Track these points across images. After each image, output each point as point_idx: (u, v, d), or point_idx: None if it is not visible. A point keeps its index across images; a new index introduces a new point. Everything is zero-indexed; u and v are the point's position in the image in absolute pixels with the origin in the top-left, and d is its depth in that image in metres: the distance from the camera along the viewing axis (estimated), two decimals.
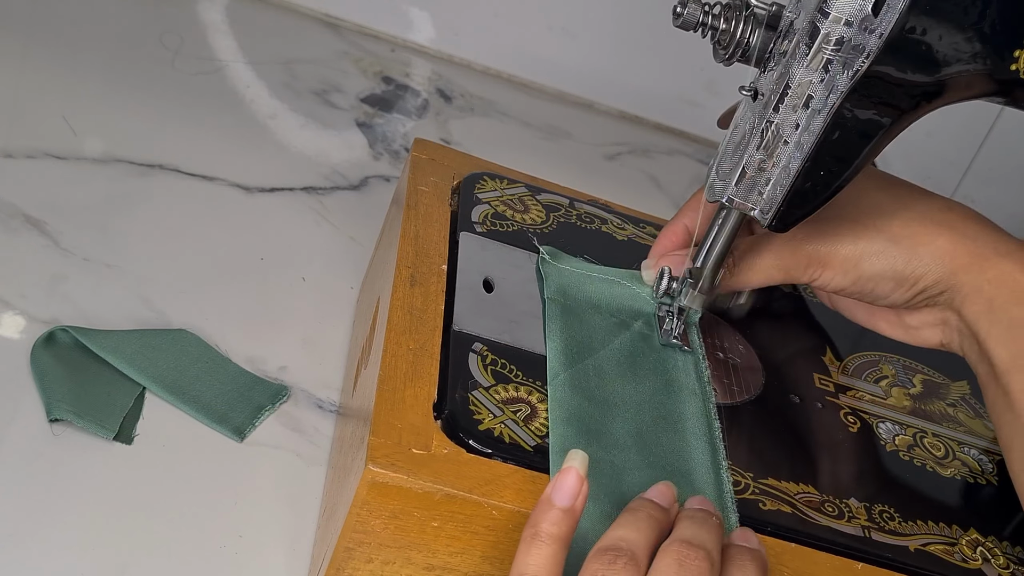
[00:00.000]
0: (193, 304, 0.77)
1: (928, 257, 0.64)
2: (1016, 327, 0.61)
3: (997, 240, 0.64)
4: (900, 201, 0.65)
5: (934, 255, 0.64)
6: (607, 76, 1.15)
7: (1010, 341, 0.61)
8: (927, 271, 0.64)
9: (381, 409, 0.57)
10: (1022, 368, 0.60)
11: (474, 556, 0.56)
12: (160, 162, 0.88)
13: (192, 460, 0.67)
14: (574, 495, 0.51)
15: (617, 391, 0.63)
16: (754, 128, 0.59)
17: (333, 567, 0.57)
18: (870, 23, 0.54)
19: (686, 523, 0.54)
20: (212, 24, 1.05)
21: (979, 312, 0.63)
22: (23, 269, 0.74)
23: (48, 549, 0.60)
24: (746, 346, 0.71)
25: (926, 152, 1.18)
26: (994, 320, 0.62)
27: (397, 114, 1.04)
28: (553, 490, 0.51)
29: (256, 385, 0.72)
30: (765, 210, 0.61)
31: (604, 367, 0.64)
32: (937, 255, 0.64)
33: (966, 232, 0.64)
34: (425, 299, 0.64)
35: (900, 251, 0.64)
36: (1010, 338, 0.61)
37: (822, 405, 0.69)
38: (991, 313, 0.62)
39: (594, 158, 1.09)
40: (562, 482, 0.51)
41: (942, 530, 0.63)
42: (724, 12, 0.59)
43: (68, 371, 0.68)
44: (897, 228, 0.64)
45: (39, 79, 0.91)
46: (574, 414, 0.61)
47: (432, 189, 0.73)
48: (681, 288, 0.66)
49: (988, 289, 0.62)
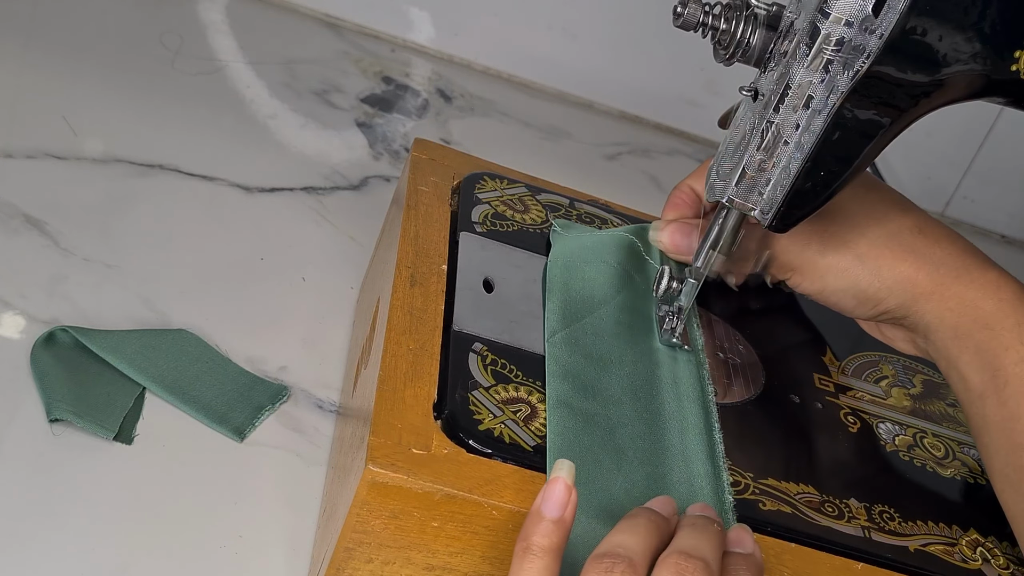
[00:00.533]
0: (193, 304, 0.77)
1: (891, 281, 0.64)
2: (983, 351, 0.62)
3: (960, 266, 0.64)
4: (873, 217, 0.66)
5: (897, 280, 0.64)
6: (607, 76, 1.15)
7: (981, 366, 0.62)
8: (888, 295, 0.65)
9: (381, 409, 0.57)
10: (996, 390, 0.61)
11: (474, 556, 0.56)
12: (160, 162, 0.88)
13: (192, 460, 0.67)
14: (563, 505, 0.51)
15: (614, 349, 0.64)
16: (754, 128, 0.59)
17: (333, 567, 0.57)
18: (870, 23, 0.54)
19: (686, 531, 0.53)
20: (212, 24, 1.05)
21: (946, 339, 0.64)
22: (23, 269, 0.74)
23: (48, 549, 0.60)
24: (746, 346, 0.71)
25: (926, 152, 1.18)
26: (962, 347, 0.63)
27: (397, 114, 1.04)
28: (542, 502, 0.51)
29: (256, 385, 0.73)
30: (765, 210, 0.61)
31: (602, 326, 0.65)
32: (899, 280, 0.64)
33: (931, 257, 0.64)
34: (425, 299, 0.64)
35: (864, 271, 0.65)
36: (980, 364, 0.62)
37: (822, 405, 0.69)
38: (958, 340, 0.63)
39: (594, 158, 1.09)
40: (551, 493, 0.51)
41: (942, 530, 0.63)
42: (724, 12, 0.59)
43: (68, 371, 0.68)
44: (864, 247, 0.65)
45: (39, 79, 0.91)
46: (570, 371, 0.62)
47: (432, 189, 0.73)
48: (681, 288, 0.66)
49: (950, 317, 0.63)
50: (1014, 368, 0.61)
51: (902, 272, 0.64)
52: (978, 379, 0.62)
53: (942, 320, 0.64)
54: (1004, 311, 0.62)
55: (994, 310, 0.62)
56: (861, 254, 0.65)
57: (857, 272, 0.65)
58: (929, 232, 0.66)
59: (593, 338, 0.64)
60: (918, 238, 0.65)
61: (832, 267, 0.65)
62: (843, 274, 0.65)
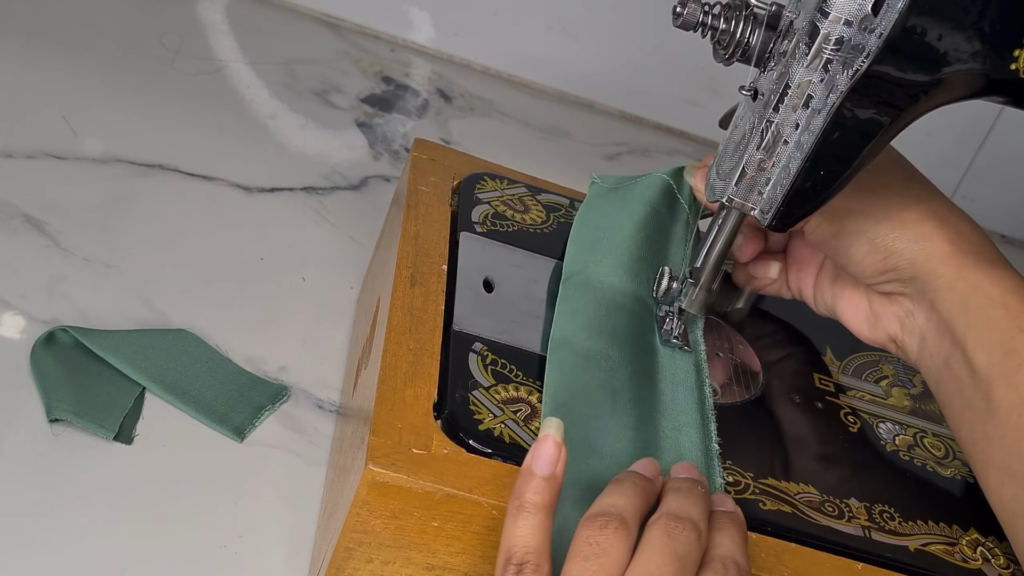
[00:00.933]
0: (193, 304, 0.77)
1: (911, 234, 0.62)
2: (994, 330, 0.59)
3: (982, 248, 0.62)
4: (906, 182, 0.64)
5: (917, 234, 0.62)
6: (607, 76, 1.15)
7: (990, 346, 0.59)
8: (904, 248, 0.62)
9: (381, 409, 0.57)
10: (1005, 376, 0.58)
11: (474, 556, 0.56)
12: (160, 162, 0.88)
13: (192, 460, 0.67)
14: (553, 462, 0.52)
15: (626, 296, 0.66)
16: (754, 128, 0.59)
17: (333, 567, 0.57)
18: (870, 23, 0.54)
19: (672, 495, 0.55)
20: (212, 24, 1.05)
21: (955, 310, 0.60)
22: (23, 269, 0.75)
23: (48, 549, 0.60)
24: (746, 346, 0.71)
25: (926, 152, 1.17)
26: (971, 321, 0.60)
27: (397, 114, 1.04)
28: (533, 460, 0.52)
29: (256, 385, 0.73)
30: (765, 210, 0.61)
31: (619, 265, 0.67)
32: (919, 236, 0.62)
33: (958, 229, 0.62)
34: (425, 299, 0.64)
35: (887, 218, 0.62)
36: (990, 342, 0.59)
37: (822, 405, 0.69)
38: (967, 313, 0.60)
39: (594, 158, 1.09)
40: (540, 451, 0.52)
41: (942, 530, 0.63)
42: (724, 12, 0.59)
43: (68, 371, 0.68)
44: (894, 199, 0.63)
45: (39, 79, 0.91)
46: (581, 309, 0.64)
47: (432, 189, 0.73)
48: (681, 288, 0.66)
49: (962, 288, 0.60)
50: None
51: (926, 228, 0.62)
52: (986, 359, 0.58)
53: (954, 288, 0.60)
54: (1021, 293, 0.59)
55: (1012, 289, 0.59)
56: (888, 204, 0.62)
57: (879, 216, 0.62)
58: (959, 212, 0.64)
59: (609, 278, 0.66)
60: (950, 213, 0.63)
61: (855, 208, 0.63)
62: (865, 216, 0.62)
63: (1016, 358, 0.58)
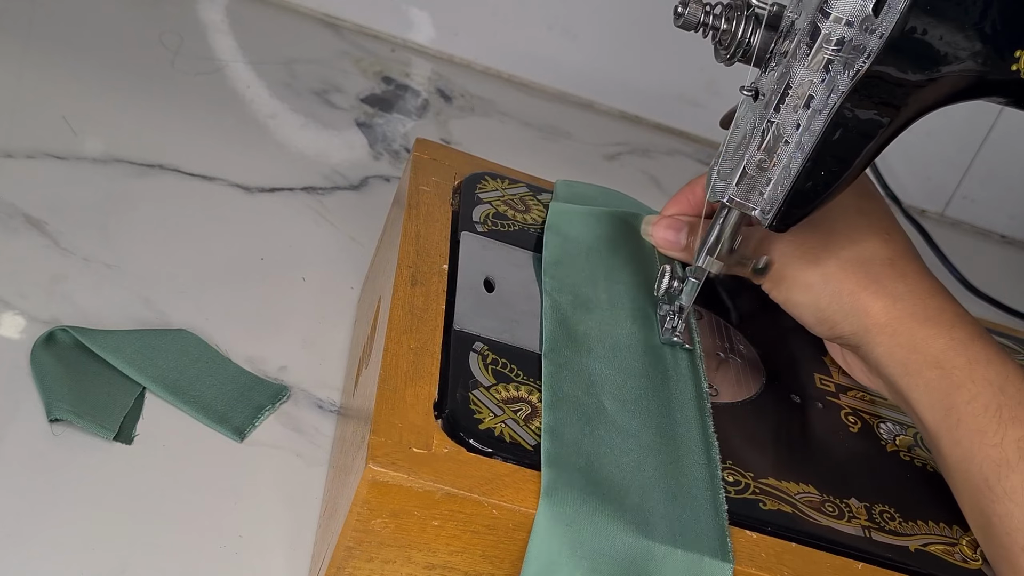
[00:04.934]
0: (193, 304, 0.77)
1: (848, 306, 0.64)
2: (933, 390, 0.62)
3: (919, 304, 0.63)
4: (851, 238, 0.65)
5: (853, 306, 0.64)
6: (607, 76, 1.15)
7: (931, 405, 0.62)
8: (844, 320, 0.64)
9: (382, 408, 0.57)
10: (949, 429, 0.61)
11: (474, 555, 0.56)
12: (160, 162, 0.88)
13: (192, 460, 0.67)
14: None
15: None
16: (755, 128, 0.59)
17: (333, 566, 0.57)
18: (871, 23, 0.54)
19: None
20: (212, 24, 1.05)
21: (897, 373, 0.63)
22: (23, 269, 0.74)
23: (48, 549, 0.60)
24: (747, 346, 0.71)
25: (926, 152, 1.18)
26: (911, 384, 0.63)
27: (397, 114, 1.04)
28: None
29: (256, 385, 0.72)
30: (766, 210, 0.61)
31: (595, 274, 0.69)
32: (856, 307, 0.64)
33: (893, 291, 0.64)
34: (426, 299, 0.64)
35: (826, 291, 0.64)
36: (930, 402, 0.62)
37: (823, 405, 0.69)
38: (907, 376, 0.63)
39: (594, 158, 1.09)
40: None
41: (942, 530, 0.63)
42: (725, 12, 0.59)
43: (68, 371, 0.68)
44: (832, 268, 0.64)
45: (39, 79, 0.91)
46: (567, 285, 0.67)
47: (433, 189, 0.73)
48: (681, 288, 0.66)
49: (900, 353, 0.63)
50: (966, 407, 0.60)
51: (860, 300, 0.64)
52: (930, 418, 0.62)
53: (892, 355, 0.63)
54: (956, 349, 0.62)
55: (945, 348, 0.62)
56: (828, 274, 0.64)
57: (819, 290, 0.64)
58: (899, 265, 0.65)
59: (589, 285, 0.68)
60: (886, 269, 0.64)
61: (799, 280, 0.65)
62: (807, 290, 0.65)
63: (955, 415, 0.61)
